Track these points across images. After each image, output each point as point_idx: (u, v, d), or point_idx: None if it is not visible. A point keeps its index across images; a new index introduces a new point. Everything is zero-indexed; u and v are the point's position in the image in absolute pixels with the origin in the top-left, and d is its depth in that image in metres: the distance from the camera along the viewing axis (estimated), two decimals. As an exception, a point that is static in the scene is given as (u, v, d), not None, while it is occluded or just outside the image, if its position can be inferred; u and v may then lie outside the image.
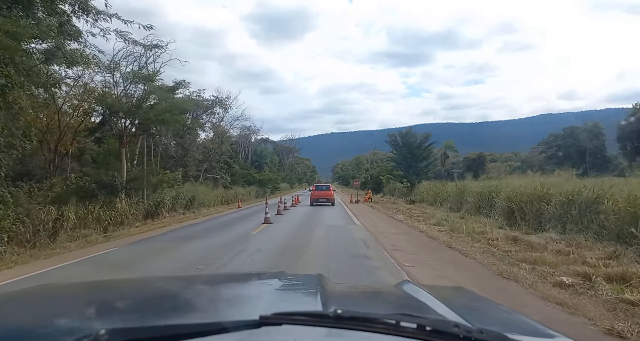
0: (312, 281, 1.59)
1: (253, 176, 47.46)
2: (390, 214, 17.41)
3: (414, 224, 13.15)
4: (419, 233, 10.60)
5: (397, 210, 19.89)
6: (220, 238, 10.82)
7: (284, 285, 1.57)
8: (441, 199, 21.20)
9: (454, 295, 1.75)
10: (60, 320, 1.17)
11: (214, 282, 1.96)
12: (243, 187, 43.89)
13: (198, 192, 27.32)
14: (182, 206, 24.56)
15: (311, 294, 1.39)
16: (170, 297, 1.50)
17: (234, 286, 1.75)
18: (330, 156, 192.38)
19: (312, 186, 28.05)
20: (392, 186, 37.66)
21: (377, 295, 1.77)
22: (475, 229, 10.80)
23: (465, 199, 18.00)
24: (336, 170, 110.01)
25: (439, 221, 13.43)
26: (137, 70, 17.25)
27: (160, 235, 12.17)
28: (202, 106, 35.25)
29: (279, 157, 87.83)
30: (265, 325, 0.90)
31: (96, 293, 1.64)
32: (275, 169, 73.31)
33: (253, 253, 8.26)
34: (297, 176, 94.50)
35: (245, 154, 59.59)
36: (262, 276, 2.12)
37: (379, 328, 0.88)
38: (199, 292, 1.63)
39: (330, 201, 25.31)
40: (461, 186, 18.74)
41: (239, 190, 41.06)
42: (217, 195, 32.35)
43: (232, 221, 16.21)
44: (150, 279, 2.76)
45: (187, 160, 33.95)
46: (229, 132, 41.22)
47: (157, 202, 20.91)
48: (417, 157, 28.22)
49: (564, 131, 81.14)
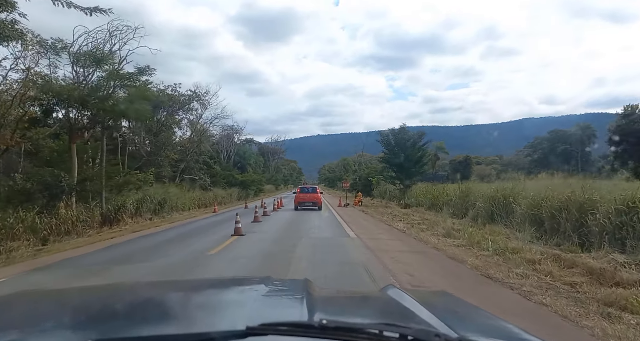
0: (298, 287, 1.59)
1: (235, 177, 44.70)
2: (387, 222, 15.03)
3: (420, 235, 10.75)
4: (434, 251, 8.14)
5: (393, 216, 17.56)
6: (165, 260, 8.07)
7: (270, 291, 1.57)
8: (441, 204, 18.95)
9: (438, 300, 1.76)
10: (44, 330, 1.16)
11: (200, 287, 1.95)
12: (224, 189, 41.14)
13: (170, 194, 24.59)
14: (151, 210, 21.86)
15: (297, 300, 1.40)
16: (157, 304, 1.53)
17: (221, 292, 1.73)
18: (317, 158, 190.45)
19: (297, 188, 25.28)
20: (382, 188, 35.40)
21: (363, 300, 1.77)
22: (500, 244, 8.48)
23: (470, 203, 15.78)
24: (322, 172, 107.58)
25: (448, 231, 11.10)
26: (90, 50, 14.55)
27: (96, 252, 9.49)
28: (178, 101, 32.45)
29: (264, 159, 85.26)
30: (252, 335, 0.94)
31: (80, 299, 1.62)
32: (259, 170, 70.65)
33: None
34: (282, 178, 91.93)
35: (227, 155, 56.80)
36: (248, 281, 2.10)
37: (363, 338, 0.92)
38: (185, 298, 1.61)
39: (317, 205, 22.79)
40: (465, 189, 16.49)
41: (219, 192, 38.32)
42: (192, 198, 29.63)
43: (198, 231, 13.62)
44: (135, 284, 2.67)
45: (161, 159, 31.13)
46: (208, 130, 38.32)
47: (118, 206, 18.21)
48: (411, 157, 25.91)
49: (550, 134, 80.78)
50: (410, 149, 25.94)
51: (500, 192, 12.83)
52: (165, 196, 23.71)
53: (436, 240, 9.62)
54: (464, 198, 16.17)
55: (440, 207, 18.96)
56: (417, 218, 16.22)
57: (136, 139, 32.65)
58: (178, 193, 26.96)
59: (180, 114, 33.58)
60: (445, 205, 18.19)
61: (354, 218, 17.04)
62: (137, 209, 19.71)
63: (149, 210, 21.53)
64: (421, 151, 26.37)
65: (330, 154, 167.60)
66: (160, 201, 23.01)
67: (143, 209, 20.56)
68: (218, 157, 54.14)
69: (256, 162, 71.45)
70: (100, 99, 14.93)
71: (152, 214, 21.57)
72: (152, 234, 12.88)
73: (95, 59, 14.48)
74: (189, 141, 36.73)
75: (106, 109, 14.31)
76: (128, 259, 8.41)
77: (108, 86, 14.94)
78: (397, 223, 14.56)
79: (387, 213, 19.39)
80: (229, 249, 9.18)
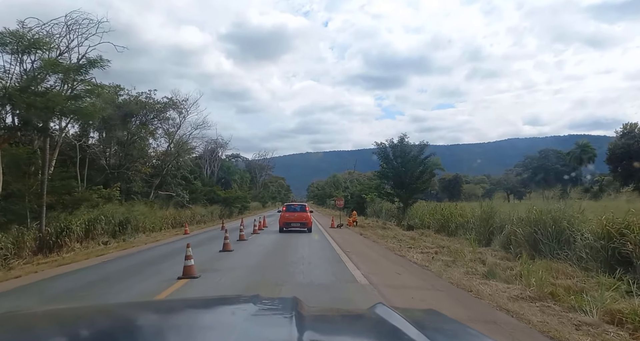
0: (288, 306, 1.56)
1: (217, 194, 41.20)
2: (395, 250, 11.82)
3: (454, 276, 7.53)
4: (507, 318, 4.75)
5: (399, 241, 14.46)
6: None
7: (259, 310, 1.54)
8: (453, 226, 15.94)
9: (426, 318, 1.75)
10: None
11: (187, 307, 1.86)
12: (204, 206, 37.63)
13: (135, 213, 21.17)
14: (109, 232, 18.42)
15: (286, 319, 1.37)
16: (138, 327, 1.49)
17: (208, 312, 1.66)
18: (305, 175, 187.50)
19: (283, 206, 21.51)
20: (377, 207, 32.36)
21: (352, 319, 1.76)
22: (595, 297, 5.42)
23: (496, 227, 12.80)
24: (311, 189, 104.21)
25: (490, 269, 7.99)
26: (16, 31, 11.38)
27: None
28: (153, 108, 29.25)
29: (251, 175, 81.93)
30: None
31: (63, 322, 1.55)
32: (246, 187, 67.15)
33: None
34: (270, 195, 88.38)
35: (210, 170, 53.39)
36: (236, 300, 2.09)
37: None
38: (173, 319, 1.58)
39: (307, 227, 19.30)
40: (488, 209, 13.49)
41: (199, 210, 34.84)
42: (165, 217, 26.14)
43: (144, 265, 10.03)
44: (119, 305, 2.47)
45: (132, 173, 27.70)
46: (188, 142, 35.05)
47: (61, 229, 14.82)
48: (412, 171, 22.97)
49: (540, 153, 79.38)
50: (411, 163, 23.02)
51: (547, 214, 9.83)
52: (129, 215, 20.28)
53: (485, 287, 6.47)
54: (486, 220, 13.17)
55: (453, 230, 15.94)
56: (430, 245, 13.14)
57: (107, 151, 29.29)
58: (147, 211, 23.51)
59: (155, 124, 30.24)
60: (460, 228, 15.18)
61: (353, 243, 13.82)
62: (87, 232, 16.28)
63: (106, 232, 18.11)
64: (422, 165, 23.43)
65: (319, 172, 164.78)
66: (122, 221, 19.60)
67: (97, 231, 17.13)
68: (200, 173, 50.75)
69: (242, 179, 68.02)
70: (35, 94, 11.72)
71: (109, 237, 18.14)
72: (80, 270, 9.42)
73: (25, 43, 11.33)
74: (165, 154, 33.38)
75: (37, 106, 11.06)
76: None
77: (40, 79, 11.75)
78: (409, 252, 11.41)
79: (390, 237, 16.28)
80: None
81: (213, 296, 4.22)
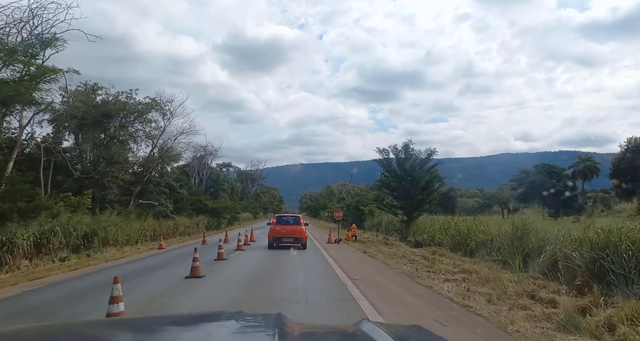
0: (271, 322, 1.50)
1: (204, 204, 38.54)
2: (416, 276, 9.27)
3: (531, 332, 5.10)
4: None
5: (413, 262, 12.04)
6: None
7: (241, 327, 1.49)
8: (473, 244, 13.60)
9: (412, 335, 1.69)
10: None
11: (167, 324, 1.77)
12: (190, 217, 34.94)
13: (105, 224, 18.59)
14: (71, 246, 15.84)
15: (269, 337, 1.32)
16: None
17: (188, 330, 1.57)
18: (298, 186, 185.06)
19: (274, 217, 18.59)
20: (376, 219, 29.98)
21: (337, 336, 1.71)
22: None
23: (533, 248, 10.49)
24: (304, 200, 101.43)
25: (568, 316, 5.63)
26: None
27: None
28: (135, 109, 26.77)
29: (243, 185, 79.28)
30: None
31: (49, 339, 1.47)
32: (237, 197, 64.44)
33: None
34: (262, 206, 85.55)
35: (199, 178, 50.78)
36: (217, 317, 2.00)
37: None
38: (151, 338, 1.49)
39: (301, 242, 16.55)
40: (521, 225, 11.16)
41: (183, 221, 32.15)
42: (143, 228, 23.50)
43: (61, 303, 7.29)
44: (90, 323, 2.34)
45: (108, 180, 25.11)
46: (173, 147, 32.53)
47: (3, 243, 12.25)
48: (418, 181, 20.66)
49: (536, 168, 77.97)
50: (418, 172, 20.71)
51: (617, 235, 7.52)
52: (96, 226, 17.69)
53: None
54: (520, 238, 10.83)
55: (471, 249, 13.59)
56: (452, 268, 10.75)
57: (83, 155, 26.70)
58: (120, 221, 20.90)
59: (136, 126, 27.75)
60: (482, 247, 12.83)
61: (358, 266, 11.27)
62: (39, 247, 13.69)
63: (66, 246, 15.52)
64: (430, 173, 21.15)
65: (312, 183, 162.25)
66: (88, 233, 17.01)
67: (53, 245, 14.54)
68: (188, 181, 48.11)
69: (233, 188, 65.34)
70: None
71: (69, 252, 15.55)
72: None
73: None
74: (148, 160, 30.83)
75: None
76: None
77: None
78: (432, 278, 8.98)
79: (399, 256, 13.88)
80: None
81: (194, 313, 3.81)
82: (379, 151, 21.68)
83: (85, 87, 25.43)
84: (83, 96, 24.64)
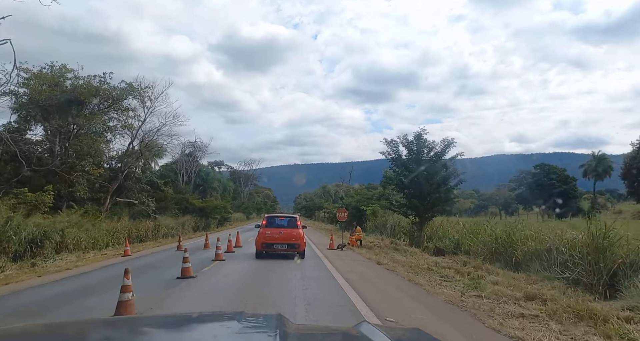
0: (272, 323, 1.52)
1: (191, 203, 35.38)
2: (472, 310, 5.86)
3: None
4: None
5: (449, 280, 9.05)
6: None
7: (244, 328, 1.51)
8: (520, 256, 10.62)
9: (409, 337, 1.70)
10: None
11: (170, 324, 1.76)
12: (175, 217, 31.77)
13: (62, 225, 15.45)
14: (11, 253, 12.74)
15: (270, 338, 1.33)
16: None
17: (192, 329, 1.57)
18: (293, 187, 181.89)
19: (263, 218, 14.76)
20: (380, 221, 27.00)
21: (337, 337, 1.70)
22: None
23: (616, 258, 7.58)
24: (298, 201, 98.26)
25: None
26: None
27: None
28: (109, 96, 23.56)
29: (236, 184, 76.09)
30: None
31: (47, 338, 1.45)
32: (229, 196, 61.19)
33: None
34: (255, 206, 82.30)
35: (187, 176, 47.57)
36: (220, 317, 2.04)
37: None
38: (152, 337, 1.49)
39: (297, 250, 13.38)
40: (599, 233, 8.22)
41: (166, 221, 28.93)
42: (115, 230, 20.33)
43: None
44: (100, 321, 2.23)
45: (76, 175, 21.93)
46: (154, 139, 29.32)
47: None
48: (433, 176, 17.70)
49: (536, 168, 75.64)
50: (432, 166, 17.75)
51: None
52: (49, 228, 14.54)
53: None
54: (602, 251, 7.86)
55: (517, 261, 10.63)
56: (509, 290, 7.77)
57: (53, 147, 23.49)
58: (85, 222, 17.75)
59: (110, 115, 24.55)
60: (534, 259, 9.87)
61: (381, 288, 7.93)
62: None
63: (2, 253, 12.41)
64: (446, 168, 18.21)
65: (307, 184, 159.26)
66: (37, 237, 13.87)
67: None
68: (176, 178, 44.90)
69: (224, 187, 62.13)
70: None
71: (8, 260, 12.41)
72: None
73: None
74: (126, 153, 27.65)
75: None
76: None
77: None
78: (497, 314, 6.01)
79: (422, 268, 10.89)
80: None
81: (196, 313, 3.35)
82: (386, 142, 18.67)
83: (51, 69, 22.21)
84: (48, 79, 21.49)
